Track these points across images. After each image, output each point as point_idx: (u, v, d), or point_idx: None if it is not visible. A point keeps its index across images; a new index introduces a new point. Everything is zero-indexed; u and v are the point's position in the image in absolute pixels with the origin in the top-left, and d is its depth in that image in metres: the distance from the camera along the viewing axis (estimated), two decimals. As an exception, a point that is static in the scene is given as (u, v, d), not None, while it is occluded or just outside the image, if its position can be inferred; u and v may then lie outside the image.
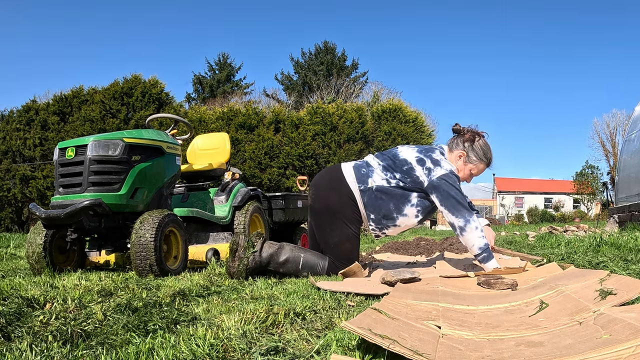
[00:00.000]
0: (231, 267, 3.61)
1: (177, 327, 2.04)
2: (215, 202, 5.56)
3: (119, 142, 4.18)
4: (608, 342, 1.39)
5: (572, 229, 9.90)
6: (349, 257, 3.78)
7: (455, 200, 3.61)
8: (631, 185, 10.20)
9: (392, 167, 3.79)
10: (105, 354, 1.64)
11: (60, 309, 2.22)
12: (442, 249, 6.27)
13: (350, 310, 2.33)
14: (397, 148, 3.97)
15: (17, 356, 1.60)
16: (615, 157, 40.95)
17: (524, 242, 7.22)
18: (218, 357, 1.61)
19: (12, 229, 25.57)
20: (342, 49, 49.79)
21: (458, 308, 2.24)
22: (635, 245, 4.29)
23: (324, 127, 26.65)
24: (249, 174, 25.10)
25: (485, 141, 3.96)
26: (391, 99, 32.23)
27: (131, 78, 26.90)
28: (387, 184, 3.75)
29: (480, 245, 3.56)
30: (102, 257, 4.77)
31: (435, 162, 3.73)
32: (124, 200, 4.17)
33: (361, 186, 3.77)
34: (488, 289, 2.82)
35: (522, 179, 61.38)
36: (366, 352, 1.55)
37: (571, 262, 3.58)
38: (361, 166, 3.87)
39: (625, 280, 2.29)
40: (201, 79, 49.75)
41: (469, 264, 4.09)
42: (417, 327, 1.76)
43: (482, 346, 1.60)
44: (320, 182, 3.99)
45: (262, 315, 2.08)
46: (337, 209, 3.80)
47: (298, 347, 1.72)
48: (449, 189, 3.62)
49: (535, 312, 2.07)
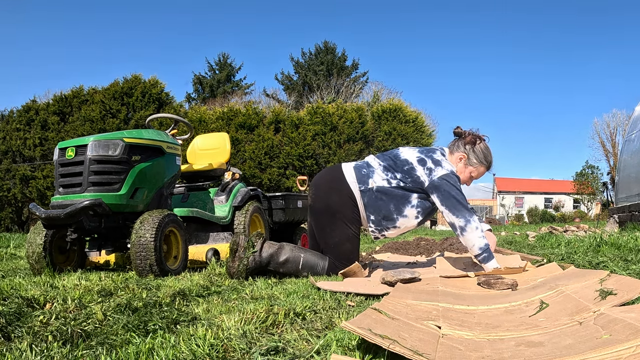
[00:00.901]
0: (231, 267, 3.61)
1: (177, 327, 2.04)
2: (215, 202, 5.56)
3: (119, 142, 4.18)
4: (608, 342, 1.39)
5: (572, 229, 9.91)
6: (349, 257, 3.79)
7: (456, 200, 3.62)
8: (631, 185, 10.21)
9: (393, 168, 3.80)
10: (105, 354, 1.64)
11: (60, 309, 2.23)
12: (442, 249, 6.28)
13: (350, 310, 2.34)
14: (399, 149, 3.98)
15: (17, 356, 1.61)
16: (615, 157, 40.94)
17: (524, 242, 7.23)
18: (218, 357, 1.61)
19: (12, 229, 25.57)
20: (342, 49, 49.83)
21: (458, 308, 2.24)
22: (635, 246, 4.29)
23: (324, 127, 26.64)
24: (249, 174, 25.10)
25: (486, 144, 3.97)
26: (391, 99, 32.21)
27: (131, 78, 26.87)
28: (388, 185, 3.76)
29: (481, 245, 3.56)
30: (102, 257, 4.77)
31: (436, 163, 3.74)
32: (124, 200, 4.17)
33: (362, 186, 3.78)
34: (488, 289, 2.82)
35: (522, 179, 61.39)
36: (366, 352, 1.55)
37: (571, 262, 3.59)
38: (362, 167, 3.88)
39: (625, 281, 2.29)
40: (201, 79, 49.78)
41: (469, 262, 4.09)
42: (417, 327, 1.77)
43: (482, 346, 1.60)
44: (320, 182, 3.99)
45: (262, 315, 2.08)
46: (337, 209, 3.80)
47: (298, 347, 1.72)
48: (450, 188, 3.63)
49: (535, 312, 2.07)
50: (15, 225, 26.25)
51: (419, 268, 3.92)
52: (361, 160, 4.04)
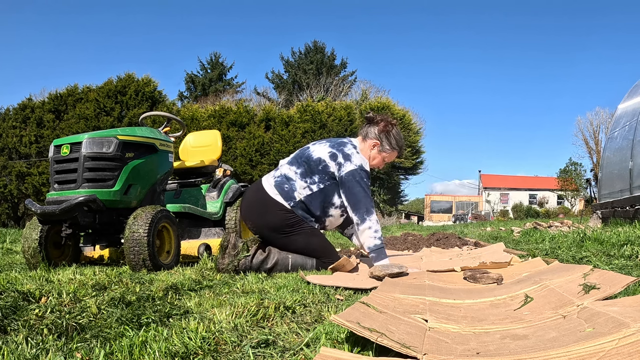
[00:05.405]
0: (220, 263, 3.65)
1: (169, 321, 2.06)
2: (207, 198, 5.58)
3: (113, 140, 4.19)
4: (591, 335, 1.42)
5: (556, 225, 9.94)
6: (324, 249, 3.92)
7: (356, 198, 3.75)
8: (614, 182, 10.27)
9: (309, 172, 3.91)
10: (99, 346, 1.65)
11: (56, 302, 2.23)
12: (429, 244, 6.33)
13: (339, 304, 2.36)
14: (309, 148, 4.06)
15: (13, 349, 1.62)
16: (598, 155, 40.97)
17: (509, 237, 7.25)
18: (210, 350, 1.63)
19: (8, 224, 25.46)
20: (331, 49, 49.98)
21: (445, 302, 2.27)
22: (617, 241, 4.32)
23: (314, 124, 26.65)
24: (240, 171, 25.07)
25: (398, 130, 4.13)
26: (379, 97, 32.29)
27: (125, 77, 26.78)
28: (310, 191, 3.89)
29: (370, 245, 3.70)
30: (97, 252, 4.77)
31: (346, 157, 3.85)
32: (117, 197, 4.18)
33: (291, 203, 3.89)
34: (474, 283, 2.86)
35: (508, 176, 61.34)
36: (355, 344, 1.58)
37: (555, 257, 3.62)
38: (282, 183, 3.96)
39: (608, 275, 2.33)
40: (193, 78, 49.67)
41: (454, 255, 4.13)
42: (405, 320, 1.79)
43: (468, 339, 1.62)
44: (249, 206, 4.08)
45: (253, 309, 2.10)
46: (278, 224, 3.89)
47: (288, 340, 1.74)
48: (353, 185, 3.76)
49: (520, 306, 2.10)
50: (12, 220, 26.20)
51: (406, 262, 3.96)
52: (276, 171, 4.11)
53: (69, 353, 1.62)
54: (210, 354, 1.61)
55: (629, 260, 3.27)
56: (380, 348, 1.47)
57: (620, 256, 3.46)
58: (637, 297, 1.87)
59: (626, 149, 9.81)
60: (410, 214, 51.46)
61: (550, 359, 1.31)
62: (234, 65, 52.52)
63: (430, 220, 54.19)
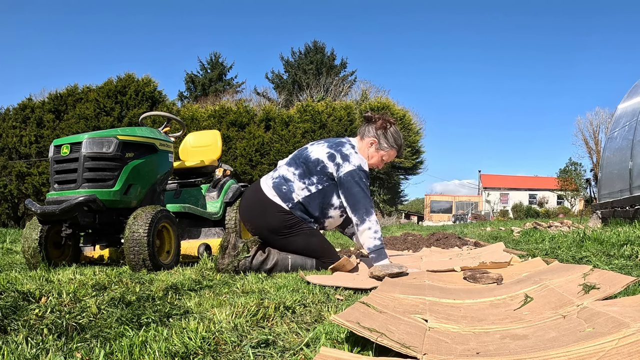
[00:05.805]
0: (220, 263, 3.66)
1: (169, 321, 2.07)
2: (207, 198, 5.58)
3: (113, 140, 4.19)
4: (591, 335, 1.42)
5: (556, 225, 9.93)
6: (323, 249, 3.91)
7: (355, 199, 3.73)
8: (614, 182, 10.26)
9: (307, 172, 3.90)
10: (99, 346, 1.65)
11: (56, 302, 2.23)
12: (429, 244, 6.33)
13: (339, 304, 2.36)
14: (307, 148, 4.05)
15: (13, 349, 1.62)
16: (598, 155, 41.01)
17: (509, 237, 7.24)
18: (210, 349, 1.63)
19: (8, 224, 25.51)
20: (331, 49, 50.06)
21: (444, 302, 2.27)
22: (617, 241, 4.32)
23: (314, 124, 26.67)
24: (240, 171, 25.08)
25: (396, 129, 4.10)
26: (379, 97, 32.31)
27: (125, 77, 26.81)
28: (309, 192, 3.87)
29: (369, 245, 3.68)
30: (97, 252, 4.77)
31: (344, 157, 3.83)
32: (117, 197, 4.18)
33: (289, 204, 3.88)
34: (474, 283, 2.86)
35: (507, 176, 61.35)
36: (355, 344, 1.58)
37: (555, 257, 3.62)
38: (280, 184, 3.94)
39: (608, 275, 2.33)
40: (193, 78, 49.70)
41: (454, 255, 4.13)
42: (405, 320, 1.79)
43: (468, 339, 1.62)
44: (249, 208, 4.08)
45: (252, 309, 2.10)
46: (277, 226, 3.88)
47: (288, 340, 1.74)
48: (352, 186, 3.74)
49: (520, 306, 2.10)
50: (12, 220, 26.27)
51: (406, 262, 3.96)
52: (275, 172, 4.10)
53: (69, 353, 1.62)
54: (210, 354, 1.60)
55: (628, 260, 3.27)
56: (380, 348, 1.47)
57: (620, 256, 3.46)
58: (637, 297, 1.87)
59: (626, 149, 9.81)
60: (410, 214, 51.42)
61: (550, 359, 1.30)
62: (234, 65, 52.76)
63: (430, 220, 54.19)
